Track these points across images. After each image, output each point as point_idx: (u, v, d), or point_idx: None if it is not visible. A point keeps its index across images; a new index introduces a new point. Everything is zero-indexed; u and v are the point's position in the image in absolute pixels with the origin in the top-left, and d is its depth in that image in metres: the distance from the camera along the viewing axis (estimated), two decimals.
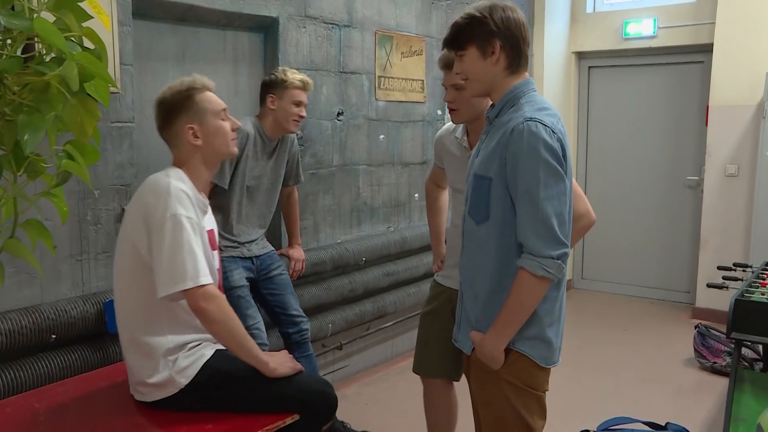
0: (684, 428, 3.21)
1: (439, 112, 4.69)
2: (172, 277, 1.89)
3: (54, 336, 2.52)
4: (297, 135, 3.65)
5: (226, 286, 2.95)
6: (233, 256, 3.05)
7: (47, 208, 2.63)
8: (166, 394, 2.01)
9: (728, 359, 4.23)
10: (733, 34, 5.06)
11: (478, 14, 1.84)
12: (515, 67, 1.87)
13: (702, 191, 5.45)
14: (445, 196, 2.93)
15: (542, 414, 1.97)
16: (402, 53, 4.31)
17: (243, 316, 2.96)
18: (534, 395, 1.92)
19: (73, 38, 1.11)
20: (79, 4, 1.13)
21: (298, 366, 2.10)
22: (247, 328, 2.96)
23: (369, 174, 4.15)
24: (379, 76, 4.15)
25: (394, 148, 4.32)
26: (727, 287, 3.54)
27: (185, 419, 1.97)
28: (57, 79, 1.00)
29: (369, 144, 4.13)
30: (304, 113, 3.14)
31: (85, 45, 1.16)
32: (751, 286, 3.39)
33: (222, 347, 2.09)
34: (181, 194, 1.97)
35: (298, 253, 3.45)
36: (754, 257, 4.72)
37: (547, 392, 1.99)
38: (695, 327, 4.50)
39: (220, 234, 2.88)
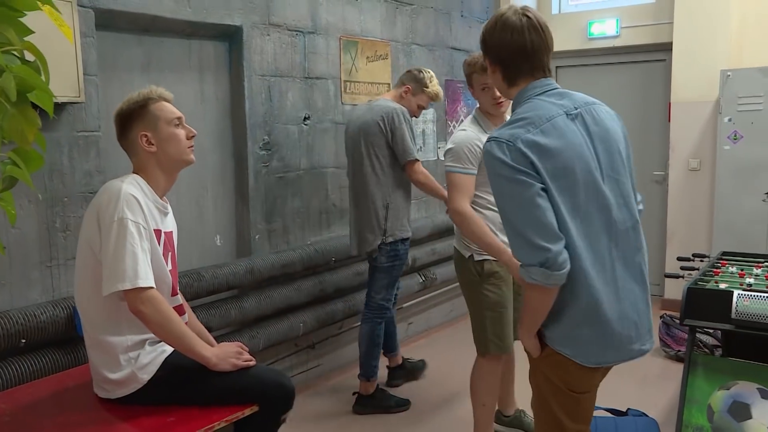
0: (643, 413, 3.32)
1: None
2: (113, 278, 1.98)
3: (24, 340, 2.59)
4: (264, 140, 3.76)
5: (406, 260, 3.75)
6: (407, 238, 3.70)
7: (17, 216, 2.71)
8: (129, 390, 2.10)
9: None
10: (689, 33, 5.22)
11: (483, 29, 1.93)
12: (513, 78, 1.91)
13: (668, 186, 5.59)
14: None
15: (576, 416, 1.95)
16: (367, 58, 4.42)
17: (393, 286, 3.76)
18: (567, 394, 1.92)
19: (14, 52, 1.20)
20: (20, 19, 1.22)
21: (242, 364, 2.16)
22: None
23: (337, 177, 4.25)
24: (345, 81, 4.25)
25: None
26: (683, 277, 3.67)
27: (148, 412, 2.06)
28: None
29: (336, 147, 4.22)
30: (419, 115, 3.85)
31: (26, 58, 1.24)
32: (705, 275, 3.52)
33: None
34: (131, 199, 2.06)
35: None
36: (716, 248, 4.86)
37: (585, 394, 1.96)
38: (660, 317, 4.63)
39: (403, 220, 3.64)
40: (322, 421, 3.65)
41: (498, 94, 2.84)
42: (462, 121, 3.74)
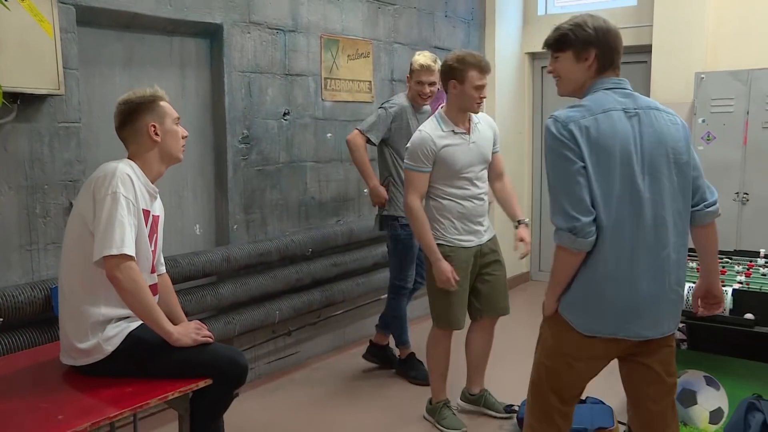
0: (600, 401, 3.44)
1: None
2: (102, 244, 2.17)
3: (1, 319, 2.74)
4: (243, 134, 3.90)
5: (411, 244, 3.89)
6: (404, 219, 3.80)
7: None
8: (93, 359, 2.27)
9: None
10: (668, 36, 5.33)
11: (582, 23, 2.15)
12: (603, 70, 2.16)
13: None
14: None
15: (560, 386, 2.20)
16: (348, 56, 4.55)
17: (404, 268, 4.03)
18: (563, 360, 2.17)
19: None
20: None
21: (201, 339, 2.34)
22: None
23: (317, 170, 4.39)
24: (326, 78, 4.39)
25: (342, 146, 4.54)
26: None
27: (108, 384, 2.21)
28: None
29: (316, 142, 4.36)
30: (427, 90, 3.90)
31: None
32: None
33: None
34: (125, 177, 2.28)
35: None
36: (690, 244, 4.97)
37: (578, 362, 2.16)
38: None
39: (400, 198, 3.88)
40: (297, 407, 3.78)
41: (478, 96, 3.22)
42: None
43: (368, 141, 3.92)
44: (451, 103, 3.27)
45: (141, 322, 2.34)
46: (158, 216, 2.52)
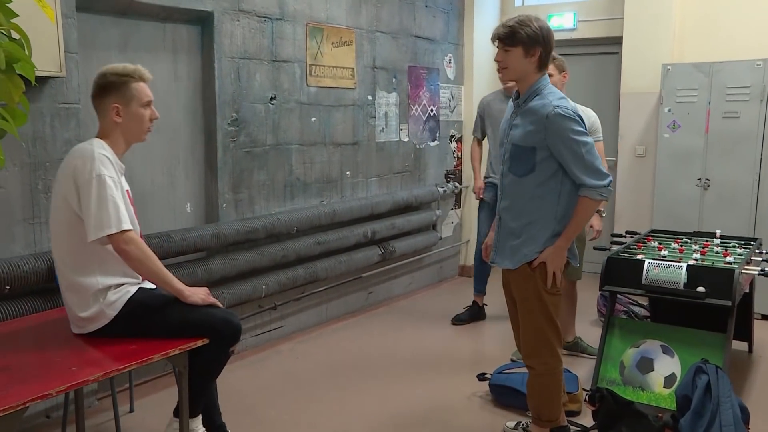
0: (568, 370, 3.70)
1: (369, 98, 5.13)
2: (100, 225, 2.34)
3: (8, 287, 2.91)
4: (232, 117, 4.09)
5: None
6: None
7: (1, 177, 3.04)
8: (99, 325, 2.46)
9: (624, 317, 4.76)
10: (637, 28, 5.60)
11: (528, 23, 2.59)
12: (543, 66, 2.66)
13: (617, 171, 5.97)
14: None
15: (557, 312, 2.82)
16: (332, 44, 4.74)
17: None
18: (559, 295, 2.78)
19: (2, 31, 1.54)
20: (6, 5, 1.56)
21: (210, 300, 2.54)
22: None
23: (301, 153, 4.59)
24: (310, 65, 4.58)
25: (326, 130, 4.76)
26: (609, 249, 4.06)
27: (115, 343, 2.41)
28: None
29: (301, 126, 4.56)
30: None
31: (13, 36, 1.58)
32: (629, 248, 3.92)
33: (145, 285, 2.56)
34: (103, 158, 2.42)
35: None
36: (655, 226, 5.25)
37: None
38: (599, 290, 5.00)
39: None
40: (283, 377, 4.00)
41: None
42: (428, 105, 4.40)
43: None
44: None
45: (139, 286, 2.55)
46: (128, 190, 2.64)
